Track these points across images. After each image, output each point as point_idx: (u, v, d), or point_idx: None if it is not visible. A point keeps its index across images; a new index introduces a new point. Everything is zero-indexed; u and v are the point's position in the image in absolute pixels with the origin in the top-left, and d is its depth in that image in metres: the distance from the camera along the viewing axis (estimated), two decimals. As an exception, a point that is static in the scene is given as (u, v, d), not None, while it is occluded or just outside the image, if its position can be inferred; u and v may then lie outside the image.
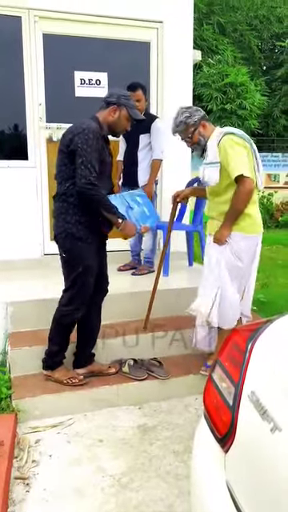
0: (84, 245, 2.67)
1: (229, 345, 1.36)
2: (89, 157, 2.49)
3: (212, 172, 2.84)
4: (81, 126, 2.54)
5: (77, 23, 4.13)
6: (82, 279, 2.71)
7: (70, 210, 2.63)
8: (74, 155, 2.53)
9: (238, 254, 2.92)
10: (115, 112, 2.66)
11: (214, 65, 10.23)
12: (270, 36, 12.38)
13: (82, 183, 2.50)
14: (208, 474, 1.27)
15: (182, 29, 4.38)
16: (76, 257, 2.68)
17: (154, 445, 2.58)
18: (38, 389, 2.86)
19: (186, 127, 2.92)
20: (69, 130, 2.61)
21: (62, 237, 2.68)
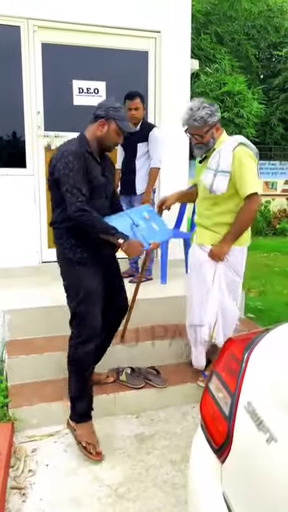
0: (82, 268, 2.50)
1: (225, 355, 1.36)
2: (72, 181, 2.33)
3: (222, 181, 2.74)
4: (61, 151, 2.39)
5: (75, 33, 4.16)
6: (84, 307, 2.50)
7: (64, 235, 2.50)
8: (58, 183, 2.39)
9: (235, 268, 2.93)
10: (103, 126, 2.45)
11: (212, 73, 10.29)
12: (267, 45, 12.44)
13: (71, 211, 2.34)
14: (204, 485, 1.27)
15: (179, 38, 4.42)
16: (75, 282, 2.52)
17: (152, 454, 2.57)
18: (35, 397, 2.85)
19: (203, 125, 2.73)
20: (53, 156, 2.47)
21: (60, 263, 2.58)
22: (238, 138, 2.87)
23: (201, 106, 2.74)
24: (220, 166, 2.75)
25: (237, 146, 2.77)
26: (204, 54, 10.71)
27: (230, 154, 2.75)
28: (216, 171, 2.75)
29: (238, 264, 2.94)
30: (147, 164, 3.89)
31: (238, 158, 2.73)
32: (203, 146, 2.84)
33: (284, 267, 6.99)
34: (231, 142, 2.82)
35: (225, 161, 2.74)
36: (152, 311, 3.40)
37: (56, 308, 3.34)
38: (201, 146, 2.84)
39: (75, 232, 2.46)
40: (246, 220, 2.83)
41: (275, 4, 11.82)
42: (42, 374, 3.03)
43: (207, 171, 2.81)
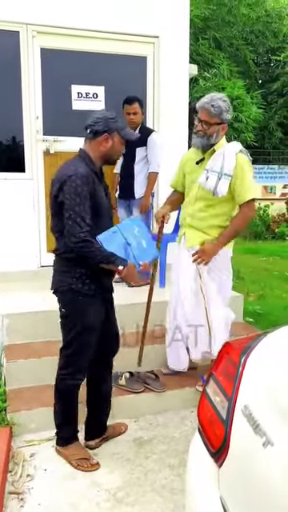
0: (87, 300, 2.35)
1: (223, 358, 1.36)
2: (77, 208, 2.16)
3: (224, 184, 2.75)
4: (66, 173, 2.20)
5: (74, 38, 4.18)
6: (79, 340, 2.37)
7: (72, 264, 2.31)
8: (61, 207, 2.23)
9: (225, 270, 2.97)
10: (107, 141, 2.29)
11: (210, 78, 10.33)
12: (265, 50, 12.51)
13: (71, 242, 2.19)
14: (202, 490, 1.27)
15: (178, 43, 4.44)
16: (76, 313, 2.36)
17: (150, 458, 2.57)
18: (33, 402, 2.84)
19: (217, 115, 2.73)
20: (56, 178, 2.28)
21: (63, 290, 2.36)
22: (238, 144, 2.91)
23: (223, 98, 2.79)
24: (224, 169, 2.76)
25: (238, 152, 2.82)
26: (202, 59, 10.76)
27: (233, 158, 2.78)
28: (221, 174, 2.75)
29: (228, 266, 2.99)
30: (146, 168, 3.90)
31: (240, 163, 2.78)
32: (204, 137, 2.79)
33: (283, 271, 7.00)
34: (233, 146, 2.86)
35: (229, 164, 2.76)
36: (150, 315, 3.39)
37: (55, 312, 3.27)
38: (203, 135, 2.79)
39: (85, 262, 2.29)
40: (242, 224, 2.89)
41: (273, 9, 11.87)
42: (40, 379, 3.02)
43: (210, 173, 2.79)
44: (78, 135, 4.22)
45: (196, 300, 2.95)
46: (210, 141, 2.81)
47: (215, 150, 2.85)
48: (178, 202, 3.17)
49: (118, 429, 2.81)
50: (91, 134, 2.30)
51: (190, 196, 2.98)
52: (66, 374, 2.43)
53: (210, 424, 1.30)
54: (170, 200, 3.16)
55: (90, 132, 2.29)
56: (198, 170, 2.91)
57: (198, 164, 2.93)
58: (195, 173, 2.93)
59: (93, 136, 2.30)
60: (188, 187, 3.01)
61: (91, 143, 2.32)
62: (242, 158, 2.80)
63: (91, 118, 2.30)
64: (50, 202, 2.34)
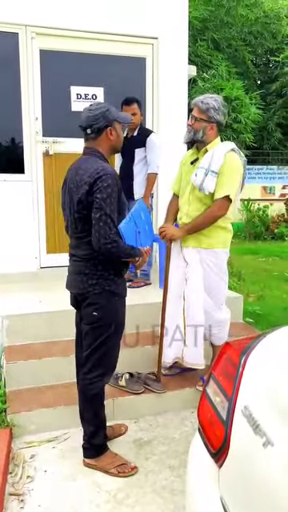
0: (120, 300, 2.38)
1: (222, 359, 1.36)
2: (108, 209, 2.14)
3: (211, 181, 2.77)
4: (96, 172, 2.16)
5: (73, 39, 4.19)
6: (112, 340, 2.37)
7: (102, 266, 2.29)
8: (90, 207, 2.18)
9: (221, 270, 2.97)
10: (112, 133, 2.30)
11: (209, 79, 10.34)
12: (264, 51, 12.55)
13: (102, 243, 2.15)
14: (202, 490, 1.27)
15: (176, 44, 4.45)
16: (111, 315, 2.34)
17: (150, 459, 2.56)
18: (33, 403, 2.84)
19: (204, 111, 2.81)
20: (80, 179, 2.20)
21: (94, 292, 2.30)
22: (231, 144, 2.93)
23: (215, 98, 2.87)
24: (211, 166, 2.79)
25: (229, 151, 2.84)
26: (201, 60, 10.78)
27: (222, 156, 2.80)
28: (207, 170, 2.79)
29: (224, 267, 2.99)
30: (145, 169, 3.91)
31: (228, 162, 2.79)
32: (191, 132, 2.87)
33: (283, 272, 7.01)
34: (225, 145, 2.89)
35: (216, 162, 2.79)
36: (151, 316, 3.39)
37: (54, 313, 3.36)
38: (190, 130, 2.87)
39: (114, 263, 2.31)
40: (204, 222, 2.85)
41: (272, 10, 11.89)
42: (40, 380, 3.03)
43: (199, 170, 2.83)
44: (78, 136, 4.26)
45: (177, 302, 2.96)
46: (196, 136, 2.86)
47: (208, 150, 2.89)
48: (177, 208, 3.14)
49: (118, 430, 2.80)
50: (94, 134, 2.28)
51: (185, 196, 2.99)
52: (95, 376, 2.38)
53: (210, 424, 1.30)
54: (171, 213, 3.13)
55: (92, 132, 2.28)
56: (192, 170, 2.93)
57: (192, 164, 2.97)
58: (189, 173, 2.95)
59: (96, 134, 2.29)
60: (183, 188, 3.03)
61: (96, 141, 2.31)
62: (231, 156, 2.82)
63: (88, 118, 2.27)
64: (71, 206, 2.26)
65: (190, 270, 2.91)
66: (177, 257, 2.99)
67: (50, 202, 4.34)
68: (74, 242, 2.35)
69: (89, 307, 2.34)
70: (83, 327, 2.40)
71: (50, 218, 4.36)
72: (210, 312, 2.95)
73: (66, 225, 2.41)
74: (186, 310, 2.91)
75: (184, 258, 2.94)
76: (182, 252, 2.95)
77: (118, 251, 2.22)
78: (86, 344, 2.39)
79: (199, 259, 2.90)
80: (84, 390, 2.42)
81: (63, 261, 4.29)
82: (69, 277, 2.43)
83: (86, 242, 2.27)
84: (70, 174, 2.31)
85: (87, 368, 2.40)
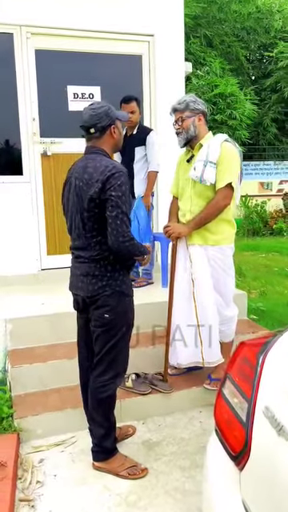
0: (130, 300, 2.35)
1: (238, 359, 1.34)
2: (124, 207, 2.12)
3: (211, 172, 2.75)
4: (108, 169, 2.13)
5: (69, 38, 4.15)
6: (123, 341, 2.34)
7: (112, 267, 2.25)
8: (104, 205, 2.14)
9: (227, 266, 2.95)
10: (115, 131, 2.28)
11: (203, 76, 10.31)
12: (257, 47, 12.53)
13: (120, 242, 2.12)
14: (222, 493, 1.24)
15: (172, 41, 4.42)
16: (122, 316, 2.30)
17: (160, 460, 2.54)
18: (39, 406, 2.81)
19: (185, 108, 2.83)
20: (90, 176, 2.16)
21: (108, 294, 2.25)
22: (224, 135, 2.92)
23: (188, 95, 2.91)
24: (209, 157, 2.77)
25: (224, 141, 2.84)
26: (194, 57, 10.75)
27: (218, 146, 2.80)
28: (206, 162, 2.77)
29: (231, 263, 2.97)
30: (145, 168, 3.88)
31: (224, 151, 2.78)
32: (183, 132, 2.85)
33: (283, 267, 7.00)
34: (219, 137, 2.89)
35: (213, 152, 2.78)
36: (154, 316, 3.36)
37: (58, 315, 3.32)
38: (181, 131, 2.85)
39: (124, 262, 2.29)
40: (212, 213, 2.82)
41: (264, 5, 11.87)
42: (45, 383, 3.00)
43: (197, 163, 2.81)
44: (76, 136, 4.25)
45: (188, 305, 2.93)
46: (188, 134, 2.85)
47: (202, 144, 2.87)
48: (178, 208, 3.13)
49: (126, 431, 2.78)
50: (98, 132, 2.25)
51: (185, 195, 2.96)
52: (108, 379, 2.34)
53: (229, 426, 1.27)
54: (173, 213, 3.11)
55: (96, 131, 2.24)
56: (189, 167, 2.92)
57: (188, 162, 2.96)
58: (187, 171, 2.93)
59: (100, 133, 2.26)
60: (182, 187, 3.01)
61: (100, 140, 2.28)
62: (227, 146, 2.82)
63: (91, 117, 2.23)
64: (80, 205, 2.20)
65: (196, 270, 2.88)
66: (183, 256, 2.96)
67: (49, 203, 4.30)
68: (80, 243, 2.28)
69: (99, 309, 2.28)
70: (93, 330, 2.35)
71: (49, 219, 4.32)
72: (219, 309, 2.93)
73: (69, 226, 2.36)
74: (198, 310, 2.88)
75: (190, 257, 2.91)
76: (188, 250, 2.92)
77: (133, 249, 2.20)
78: (98, 347, 2.34)
79: (206, 257, 2.87)
80: (96, 394, 2.37)
81: (64, 262, 4.28)
82: (74, 279, 2.37)
83: (96, 241, 2.23)
84: (77, 173, 2.25)
85: (99, 371, 2.35)
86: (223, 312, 2.98)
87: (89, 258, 2.27)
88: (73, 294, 2.45)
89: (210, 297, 2.89)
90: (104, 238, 2.21)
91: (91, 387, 2.41)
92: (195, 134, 2.86)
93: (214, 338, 2.91)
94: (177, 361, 3.02)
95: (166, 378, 3.05)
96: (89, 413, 2.45)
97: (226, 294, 2.97)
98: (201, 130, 2.88)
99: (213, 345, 2.91)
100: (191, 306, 2.91)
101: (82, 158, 2.33)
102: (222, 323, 2.97)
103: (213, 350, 2.91)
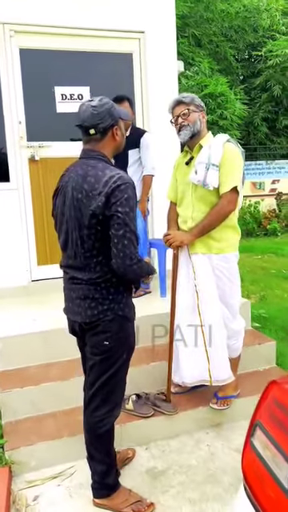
0: (132, 325, 2.11)
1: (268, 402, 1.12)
2: (132, 225, 1.86)
3: (214, 175, 2.55)
4: (113, 181, 1.86)
5: (55, 36, 3.92)
6: (122, 371, 2.11)
7: (115, 289, 2.01)
8: (108, 222, 1.87)
9: (233, 275, 2.74)
10: (117, 132, 2.01)
11: (192, 76, 10.15)
12: (245, 46, 12.38)
13: (127, 265, 1.87)
14: None
15: (164, 38, 4.21)
16: (123, 342, 2.06)
17: (167, 493, 2.32)
18: (32, 435, 2.57)
19: (191, 102, 2.63)
20: (91, 187, 1.88)
21: (108, 320, 2.00)
22: (225, 135, 2.72)
23: (189, 93, 2.73)
24: (211, 159, 2.57)
25: (226, 142, 2.64)
26: (183, 58, 10.55)
27: (220, 147, 2.60)
28: (208, 164, 2.56)
29: (236, 271, 2.77)
30: (140, 171, 3.66)
31: (227, 152, 2.59)
32: (189, 126, 2.62)
33: (280, 269, 6.84)
34: (221, 137, 2.69)
35: (216, 154, 2.58)
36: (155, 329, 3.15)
37: (50, 332, 3.09)
38: (186, 124, 2.62)
39: (126, 284, 2.05)
40: (217, 219, 2.61)
41: (251, 4, 11.72)
42: (39, 408, 2.76)
43: (198, 166, 2.60)
44: (65, 140, 4.02)
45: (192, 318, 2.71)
46: (195, 127, 2.63)
47: (202, 145, 2.67)
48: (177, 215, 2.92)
49: (125, 454, 2.56)
50: (99, 134, 1.96)
51: (186, 200, 2.75)
52: (105, 413, 2.10)
53: (260, 483, 1.06)
54: (173, 219, 2.89)
55: (96, 132, 1.95)
56: (189, 170, 2.71)
57: (187, 164, 2.75)
58: (187, 174, 2.72)
59: (102, 135, 1.97)
60: (182, 192, 2.79)
61: (101, 142, 1.99)
62: (230, 147, 2.62)
63: (92, 116, 1.92)
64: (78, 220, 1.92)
65: (200, 281, 2.67)
66: (185, 266, 2.75)
67: (39, 210, 4.06)
68: (77, 263, 1.99)
69: (98, 336, 2.02)
70: (89, 358, 2.10)
71: (39, 227, 4.08)
72: (226, 322, 2.72)
73: (63, 242, 2.06)
74: (204, 324, 2.66)
75: (193, 267, 2.69)
76: (191, 260, 2.70)
77: (141, 272, 1.95)
78: (93, 377, 2.09)
79: (210, 266, 2.66)
80: (94, 429, 2.13)
81: (56, 272, 4.01)
82: (69, 303, 2.09)
83: (96, 262, 1.96)
84: (74, 182, 1.94)
85: (95, 405, 2.10)
86: (230, 325, 2.77)
87: (88, 280, 1.99)
88: (68, 319, 2.19)
89: (217, 309, 2.68)
90: (106, 259, 1.94)
91: (87, 423, 2.17)
92: (200, 129, 2.66)
93: (222, 353, 2.69)
94: (182, 379, 2.80)
95: (169, 398, 2.83)
96: (86, 448, 2.21)
97: (232, 306, 2.77)
98: (203, 129, 2.69)
99: (221, 361, 2.69)
100: (196, 319, 2.69)
101: (78, 162, 2.03)
102: (228, 337, 2.76)
103: (221, 366, 2.70)
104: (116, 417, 2.17)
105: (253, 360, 3.26)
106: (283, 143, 12.03)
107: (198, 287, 2.69)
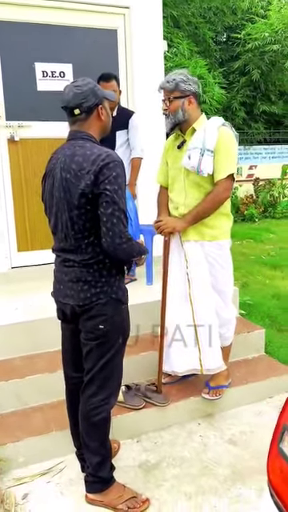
0: (126, 308, 2.07)
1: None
2: (121, 203, 1.82)
3: (208, 161, 2.44)
4: (101, 159, 1.81)
5: (36, 9, 3.69)
6: (119, 355, 2.07)
7: (107, 271, 1.95)
8: (97, 200, 1.83)
9: (226, 263, 2.67)
10: (103, 112, 1.97)
11: (171, 58, 9.95)
12: (224, 28, 12.22)
13: (117, 244, 1.82)
14: None
15: (150, 14, 4.03)
16: (119, 326, 2.02)
17: (162, 487, 2.25)
18: (19, 431, 2.45)
19: (174, 88, 2.47)
20: (80, 167, 1.83)
21: (99, 302, 1.94)
22: (220, 118, 2.61)
23: (178, 72, 2.56)
24: (206, 144, 2.46)
25: (221, 126, 2.53)
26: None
27: (215, 132, 2.49)
28: (203, 149, 2.46)
29: (229, 259, 2.70)
30: (128, 153, 3.52)
31: (222, 137, 2.48)
32: (169, 115, 2.53)
33: (259, 255, 6.85)
34: (215, 120, 2.57)
35: (211, 139, 2.47)
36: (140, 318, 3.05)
37: (34, 322, 2.95)
38: (167, 114, 2.53)
39: (121, 266, 2.00)
40: (212, 207, 2.52)
41: (230, -15, 11.55)
42: (25, 402, 2.65)
43: (192, 151, 2.49)
44: (47, 120, 3.82)
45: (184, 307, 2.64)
46: (177, 118, 2.52)
47: (195, 128, 2.55)
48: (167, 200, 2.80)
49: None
50: (84, 114, 1.92)
51: (177, 186, 2.65)
52: (101, 400, 2.04)
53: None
54: (163, 204, 2.78)
55: (81, 112, 1.91)
56: (181, 154, 2.60)
57: (179, 148, 2.63)
58: (178, 158, 2.61)
59: (86, 114, 1.93)
60: (173, 177, 2.68)
61: (86, 122, 1.95)
62: (225, 131, 2.52)
63: (75, 96, 1.89)
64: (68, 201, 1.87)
65: (193, 269, 2.58)
66: (177, 253, 2.65)
67: (18, 194, 3.87)
68: (68, 245, 1.94)
69: (92, 320, 1.97)
70: (85, 344, 2.03)
71: (19, 212, 3.89)
72: (218, 311, 2.64)
73: (53, 224, 2.00)
74: (196, 312, 2.58)
75: (185, 254, 2.60)
76: (183, 247, 2.61)
77: (131, 251, 1.90)
78: (90, 363, 2.02)
79: (203, 254, 2.57)
80: (88, 417, 2.05)
81: (37, 259, 3.89)
82: (60, 285, 2.02)
83: (87, 243, 1.91)
84: (62, 163, 1.89)
85: (92, 391, 2.04)
86: (221, 314, 2.70)
87: (80, 262, 1.93)
88: (58, 303, 2.09)
89: (209, 298, 2.61)
90: (97, 239, 1.90)
91: (82, 410, 2.09)
92: (184, 118, 2.52)
93: (213, 342, 2.62)
94: (172, 368, 2.73)
95: (160, 389, 2.75)
96: (81, 439, 2.12)
97: (225, 293, 2.70)
98: (192, 114, 2.54)
99: (213, 350, 2.63)
100: (188, 308, 2.61)
101: (66, 144, 1.97)
102: (220, 326, 2.69)
103: (213, 355, 2.63)
104: (112, 405, 2.10)
105: (242, 348, 3.22)
106: (260, 129, 12.02)
107: (190, 275, 2.60)
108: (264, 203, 10.54)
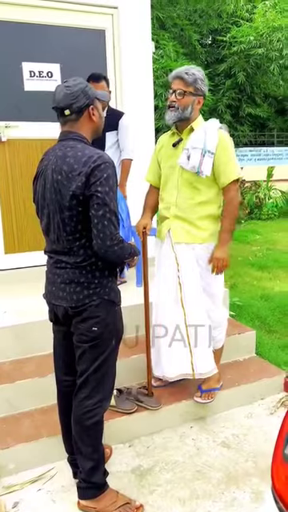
0: (119, 309, 2.05)
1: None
2: (112, 205, 1.80)
3: (209, 162, 2.43)
4: (92, 160, 1.79)
5: (23, 8, 3.63)
6: (112, 358, 2.05)
7: (100, 273, 1.94)
8: (88, 202, 1.81)
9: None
10: (94, 112, 1.94)
11: (158, 59, 9.95)
12: (209, 31, 12.28)
13: (108, 246, 1.81)
14: None
15: (138, 14, 4.01)
16: (112, 328, 2.00)
17: (156, 492, 2.22)
18: (10, 437, 2.40)
19: (192, 83, 2.42)
20: (71, 168, 1.81)
21: (92, 304, 1.92)
22: (217, 121, 2.60)
23: (197, 69, 2.51)
24: (207, 146, 2.44)
25: (219, 129, 2.52)
26: (148, 39, 10.34)
27: (215, 134, 2.47)
28: (204, 150, 2.44)
29: None
30: (118, 154, 3.49)
31: (222, 140, 2.48)
32: (179, 109, 2.46)
33: (246, 256, 6.88)
34: (214, 122, 2.56)
35: (211, 141, 2.45)
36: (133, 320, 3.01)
37: (24, 325, 2.90)
38: (176, 106, 2.46)
39: (113, 267, 1.99)
40: (235, 210, 2.55)
41: (215, -13, 11.60)
42: (15, 407, 2.59)
43: (192, 151, 2.46)
44: (34, 120, 3.77)
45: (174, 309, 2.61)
46: (184, 114, 2.47)
47: (193, 128, 2.53)
48: (155, 201, 2.79)
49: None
50: (74, 114, 1.89)
51: (170, 184, 2.62)
52: (95, 403, 2.01)
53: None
54: (148, 206, 2.79)
55: (71, 112, 1.88)
56: (176, 153, 2.57)
57: (175, 146, 2.59)
58: (173, 157, 2.58)
59: (77, 115, 1.90)
60: (166, 175, 2.65)
61: (77, 123, 1.92)
62: (224, 134, 2.52)
63: (66, 96, 1.86)
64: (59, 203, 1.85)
65: (184, 273, 2.55)
66: (168, 257, 2.62)
67: (5, 195, 3.81)
68: (61, 247, 1.92)
69: (86, 322, 1.94)
70: (77, 346, 2.00)
71: (6, 214, 3.83)
72: (209, 313, 2.62)
73: (45, 226, 1.97)
74: (187, 316, 2.56)
75: (176, 258, 2.57)
76: (174, 250, 2.58)
77: (123, 253, 1.89)
78: (83, 366, 1.99)
79: (194, 257, 2.56)
80: (81, 421, 2.01)
81: (25, 261, 3.82)
82: (53, 287, 1.99)
83: (79, 245, 1.89)
84: (53, 164, 1.87)
85: (85, 394, 2.01)
86: (212, 316, 2.68)
87: (73, 263, 1.91)
88: (50, 305, 2.06)
89: (200, 301, 2.59)
90: (89, 242, 1.88)
91: (76, 413, 2.05)
92: (189, 116, 2.50)
93: (205, 345, 2.60)
94: (163, 373, 2.70)
95: (150, 392, 2.72)
96: (74, 444, 2.08)
97: (216, 295, 2.68)
98: (196, 113, 2.54)
99: (205, 353, 2.61)
100: (179, 311, 2.58)
101: (57, 145, 1.94)
102: (213, 328, 2.67)
103: (205, 359, 2.61)
104: (105, 409, 2.08)
105: (233, 350, 3.20)
106: (246, 131, 12.11)
107: (182, 279, 2.58)
108: (250, 205, 10.59)
